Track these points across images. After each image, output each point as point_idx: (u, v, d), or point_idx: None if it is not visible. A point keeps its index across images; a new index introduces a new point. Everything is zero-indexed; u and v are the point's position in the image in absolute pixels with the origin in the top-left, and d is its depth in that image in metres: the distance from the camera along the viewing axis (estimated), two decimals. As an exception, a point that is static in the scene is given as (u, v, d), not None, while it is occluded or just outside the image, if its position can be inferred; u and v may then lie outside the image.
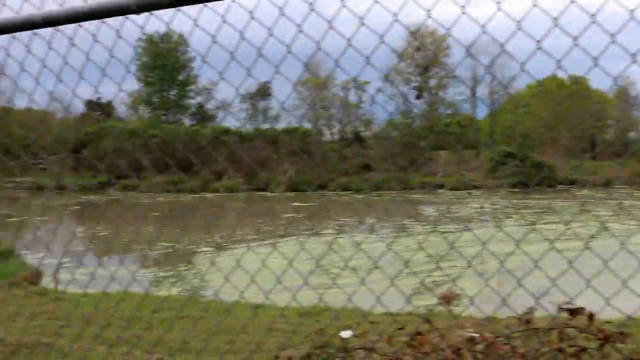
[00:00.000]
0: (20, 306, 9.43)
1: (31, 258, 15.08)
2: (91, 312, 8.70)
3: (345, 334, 3.15)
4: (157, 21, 2.68)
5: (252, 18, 2.58)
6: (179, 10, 2.54)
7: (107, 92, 3.12)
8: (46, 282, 12.46)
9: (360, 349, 2.98)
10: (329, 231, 23.28)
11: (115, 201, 38.45)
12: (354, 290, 3.81)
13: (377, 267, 4.03)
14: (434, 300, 10.27)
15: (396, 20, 2.50)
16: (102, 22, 2.74)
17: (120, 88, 3.17)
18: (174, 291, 12.21)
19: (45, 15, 2.62)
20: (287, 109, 57.14)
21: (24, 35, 2.88)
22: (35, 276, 12.04)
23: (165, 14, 2.60)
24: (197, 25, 2.68)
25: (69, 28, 2.78)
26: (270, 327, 8.46)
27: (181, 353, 7.04)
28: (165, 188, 41.41)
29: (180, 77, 57.14)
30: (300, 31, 2.57)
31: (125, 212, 33.87)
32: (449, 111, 57.20)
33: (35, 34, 2.86)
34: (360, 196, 39.39)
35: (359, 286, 3.89)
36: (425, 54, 55.84)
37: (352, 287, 5.81)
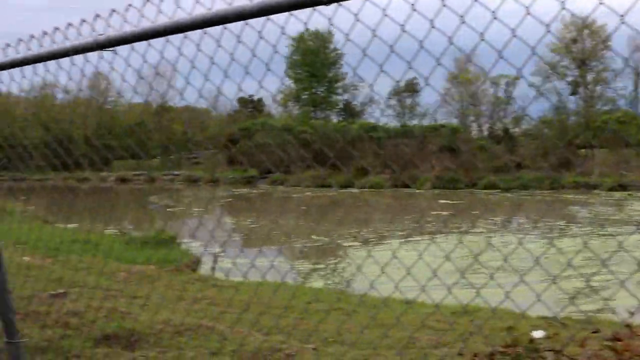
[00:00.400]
0: (183, 291, 9.91)
1: (190, 246, 15.86)
2: (248, 300, 8.98)
3: (537, 334, 2.97)
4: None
5: (414, 10, 2.44)
6: (367, 0, 2.48)
7: (258, 89, 3.09)
8: (205, 269, 13.05)
9: (550, 351, 2.80)
10: (479, 230, 22.69)
11: (264, 194, 39.69)
12: (545, 290, 3.61)
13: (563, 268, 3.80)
14: (596, 305, 9.70)
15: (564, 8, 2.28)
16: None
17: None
18: (325, 284, 12.36)
19: (238, 11, 2.59)
20: (434, 105, 56.34)
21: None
22: (195, 263, 12.66)
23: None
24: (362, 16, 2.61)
25: (237, 26, 2.75)
26: (423, 324, 8.33)
27: (335, 344, 7.09)
28: (313, 183, 42.17)
29: (329, 74, 57.96)
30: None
31: (275, 205, 34.87)
32: (607, 107, 53.86)
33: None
34: (509, 195, 38.10)
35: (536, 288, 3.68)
36: (582, 46, 52.99)
37: (507, 287, 5.57)
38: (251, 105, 58.61)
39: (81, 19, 2.90)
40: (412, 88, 54.88)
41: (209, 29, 2.83)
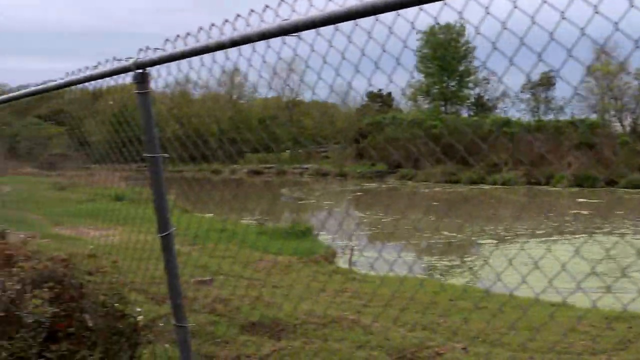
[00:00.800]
0: (322, 282, 9.95)
1: (325, 238, 15.99)
2: (389, 294, 8.88)
3: None
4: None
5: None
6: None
7: (387, 83, 3.12)
8: (340, 261, 13.08)
9: None
10: (623, 231, 21.40)
11: (393, 189, 39.48)
12: None
13: None
14: None
15: None
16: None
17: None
18: (463, 281, 12.05)
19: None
20: (572, 99, 53.66)
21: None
22: (331, 255, 12.71)
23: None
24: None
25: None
26: (572, 328, 7.91)
27: (483, 344, 6.84)
28: (442, 178, 41.49)
29: (460, 68, 56.74)
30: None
31: (404, 200, 34.62)
32: None
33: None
34: (655, 195, 35.72)
35: None
36: None
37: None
38: (380, 100, 58.49)
39: (265, 5, 2.87)
40: (547, 81, 52.66)
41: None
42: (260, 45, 3.21)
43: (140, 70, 3.65)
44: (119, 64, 3.86)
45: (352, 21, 2.75)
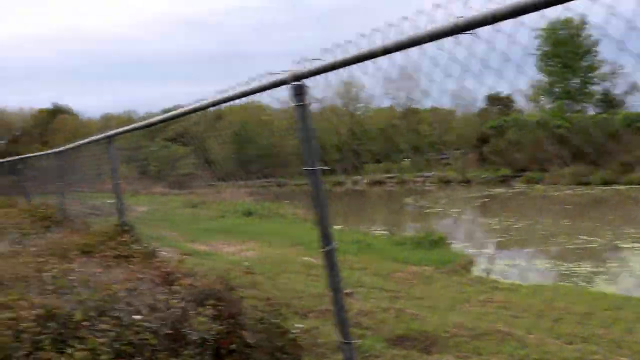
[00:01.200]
0: (464, 293, 9.63)
1: (456, 246, 15.59)
2: (537, 304, 8.48)
3: None
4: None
5: None
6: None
7: (507, 86, 3.03)
8: (477, 270, 12.66)
9: None
10: None
11: (520, 194, 38.16)
12: None
13: None
14: None
15: None
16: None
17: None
18: (614, 289, 11.31)
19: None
20: None
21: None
22: (468, 264, 12.36)
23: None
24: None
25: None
26: None
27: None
28: (572, 180, 39.55)
29: (584, 63, 53.92)
30: None
31: (534, 204, 33.36)
32: None
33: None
34: None
35: None
36: None
37: None
38: (500, 103, 56.83)
39: (433, 4, 2.75)
40: (683, 72, 49.23)
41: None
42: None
43: (298, 83, 3.59)
44: (274, 78, 3.82)
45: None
